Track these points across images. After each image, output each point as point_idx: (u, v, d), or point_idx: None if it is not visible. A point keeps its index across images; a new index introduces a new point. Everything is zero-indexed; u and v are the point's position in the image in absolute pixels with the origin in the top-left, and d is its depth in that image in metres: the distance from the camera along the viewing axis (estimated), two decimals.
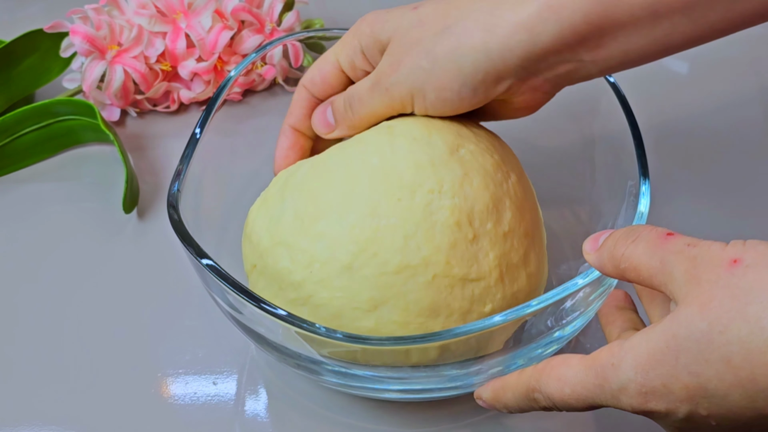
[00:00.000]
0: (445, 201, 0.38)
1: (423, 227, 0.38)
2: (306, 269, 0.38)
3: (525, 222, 0.41)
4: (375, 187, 0.39)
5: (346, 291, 0.38)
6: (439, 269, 0.38)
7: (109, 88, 0.57)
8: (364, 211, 0.38)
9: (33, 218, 0.54)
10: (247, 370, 0.45)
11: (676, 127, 0.58)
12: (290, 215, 0.40)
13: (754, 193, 0.53)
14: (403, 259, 0.37)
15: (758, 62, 0.64)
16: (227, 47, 0.58)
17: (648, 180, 0.39)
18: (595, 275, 0.35)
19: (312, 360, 0.38)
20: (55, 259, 0.51)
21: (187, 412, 0.43)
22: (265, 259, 0.40)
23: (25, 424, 0.43)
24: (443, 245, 0.38)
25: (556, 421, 0.42)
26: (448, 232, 0.38)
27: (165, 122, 0.60)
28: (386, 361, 0.39)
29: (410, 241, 0.37)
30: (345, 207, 0.39)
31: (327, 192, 0.40)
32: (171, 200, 0.39)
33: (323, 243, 0.38)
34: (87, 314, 0.48)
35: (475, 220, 0.39)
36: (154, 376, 0.45)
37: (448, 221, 0.38)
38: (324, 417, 0.43)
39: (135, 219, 0.53)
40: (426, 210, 0.38)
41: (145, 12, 0.57)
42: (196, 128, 0.43)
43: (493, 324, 0.34)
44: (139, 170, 0.56)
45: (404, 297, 0.37)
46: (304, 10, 0.64)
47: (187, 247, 0.38)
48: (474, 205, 0.39)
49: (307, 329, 0.34)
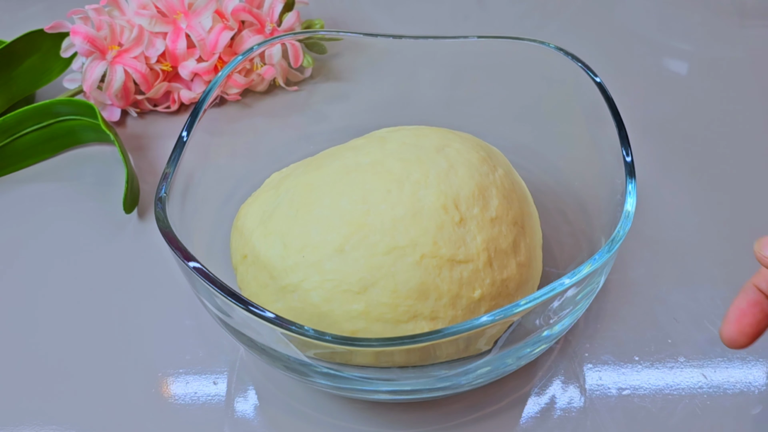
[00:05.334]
0: (431, 189, 0.41)
1: (411, 211, 0.40)
2: (299, 253, 0.40)
3: (513, 211, 0.42)
4: (366, 179, 0.41)
5: (337, 273, 0.39)
6: (426, 249, 0.39)
7: (109, 89, 0.57)
8: (356, 198, 0.41)
9: (33, 218, 0.54)
10: (237, 371, 0.45)
11: (676, 127, 0.59)
12: (285, 207, 0.42)
13: (753, 194, 0.53)
14: (392, 240, 0.39)
15: (758, 62, 0.64)
16: (227, 47, 0.58)
17: (634, 179, 0.39)
18: (583, 274, 0.35)
19: (301, 362, 0.38)
20: (55, 259, 0.51)
21: (187, 412, 0.43)
22: (257, 249, 0.42)
23: (25, 424, 0.43)
24: (430, 227, 0.39)
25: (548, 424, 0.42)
26: (434, 215, 0.40)
27: (165, 122, 0.60)
28: (373, 360, 0.39)
29: (399, 224, 0.39)
30: (338, 194, 0.41)
31: (321, 185, 0.42)
32: (157, 203, 0.39)
33: (317, 227, 0.40)
34: (87, 314, 0.48)
35: (462, 204, 0.41)
36: (154, 376, 0.45)
37: (435, 205, 0.40)
38: (314, 418, 0.43)
39: (135, 219, 0.53)
40: (413, 197, 0.40)
41: (146, 12, 0.57)
42: (182, 131, 0.43)
43: (481, 324, 0.34)
44: (140, 170, 0.56)
45: (393, 278, 0.39)
46: (304, 10, 0.64)
47: (174, 250, 0.37)
48: (459, 192, 0.41)
49: (296, 332, 0.34)
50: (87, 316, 0.48)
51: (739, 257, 0.49)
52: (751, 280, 0.36)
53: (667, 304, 0.47)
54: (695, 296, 0.47)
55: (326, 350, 0.37)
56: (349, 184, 0.41)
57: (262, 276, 0.41)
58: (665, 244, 0.50)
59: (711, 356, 0.44)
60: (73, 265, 0.51)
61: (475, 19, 0.71)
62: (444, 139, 0.44)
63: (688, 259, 0.49)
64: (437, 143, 0.43)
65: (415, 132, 0.45)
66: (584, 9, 0.51)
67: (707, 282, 0.48)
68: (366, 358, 0.39)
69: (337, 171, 0.43)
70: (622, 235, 0.37)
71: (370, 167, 0.42)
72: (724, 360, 0.44)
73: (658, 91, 0.62)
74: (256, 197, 0.45)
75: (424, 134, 0.45)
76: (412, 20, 0.71)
